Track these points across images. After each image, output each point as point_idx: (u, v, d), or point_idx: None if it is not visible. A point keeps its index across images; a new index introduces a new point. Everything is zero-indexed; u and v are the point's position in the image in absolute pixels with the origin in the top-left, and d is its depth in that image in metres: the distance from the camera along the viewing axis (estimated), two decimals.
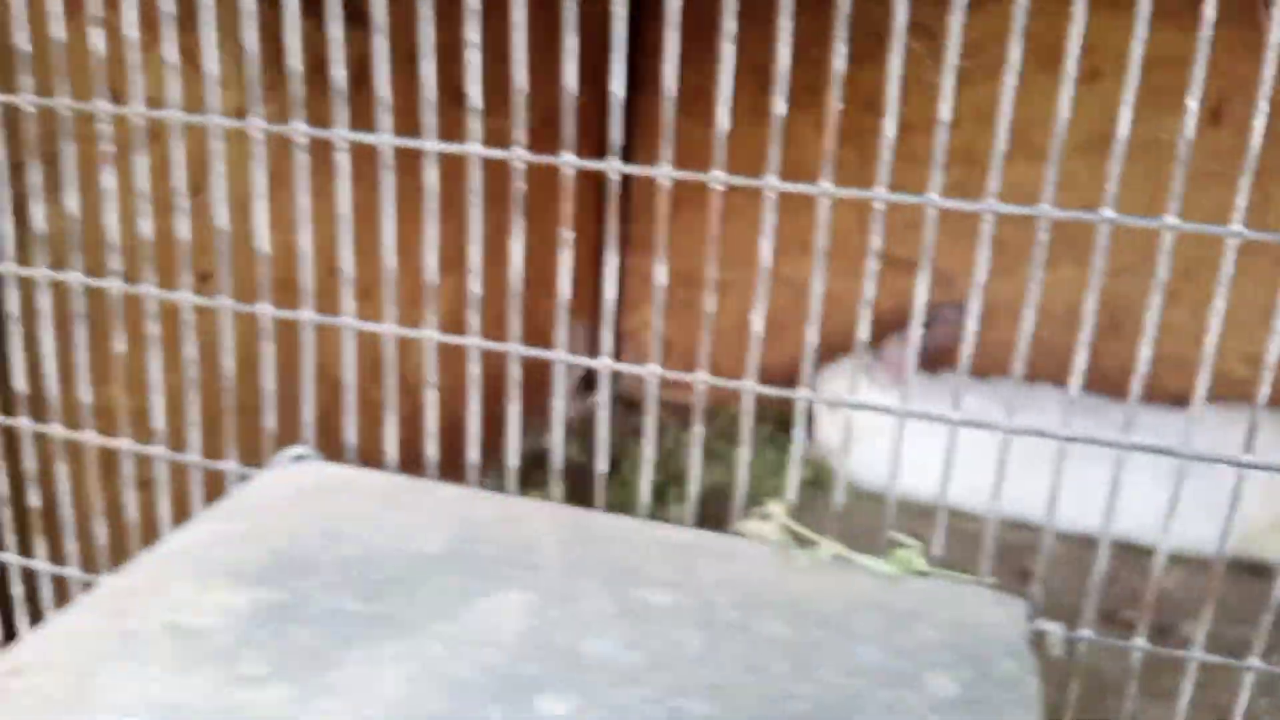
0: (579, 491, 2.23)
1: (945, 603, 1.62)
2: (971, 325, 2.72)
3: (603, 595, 1.50)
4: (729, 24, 2.28)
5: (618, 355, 3.23)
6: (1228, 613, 2.03)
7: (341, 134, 1.92)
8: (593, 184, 3.06)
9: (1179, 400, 2.60)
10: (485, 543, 1.66)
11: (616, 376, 3.19)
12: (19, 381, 2.20)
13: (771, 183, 2.21)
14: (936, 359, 2.70)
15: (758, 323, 2.97)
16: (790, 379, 3.15)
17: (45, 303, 2.26)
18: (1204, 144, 2.51)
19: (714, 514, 2.32)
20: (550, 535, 1.71)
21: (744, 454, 2.29)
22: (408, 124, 2.14)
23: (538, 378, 2.75)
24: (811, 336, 3.01)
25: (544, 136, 2.34)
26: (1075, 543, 2.32)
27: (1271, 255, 2.52)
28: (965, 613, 1.57)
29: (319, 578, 1.50)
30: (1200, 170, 2.51)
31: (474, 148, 1.95)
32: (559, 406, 2.14)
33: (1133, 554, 2.31)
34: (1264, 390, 2.57)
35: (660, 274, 2.90)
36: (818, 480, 2.54)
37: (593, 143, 2.98)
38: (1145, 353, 2.68)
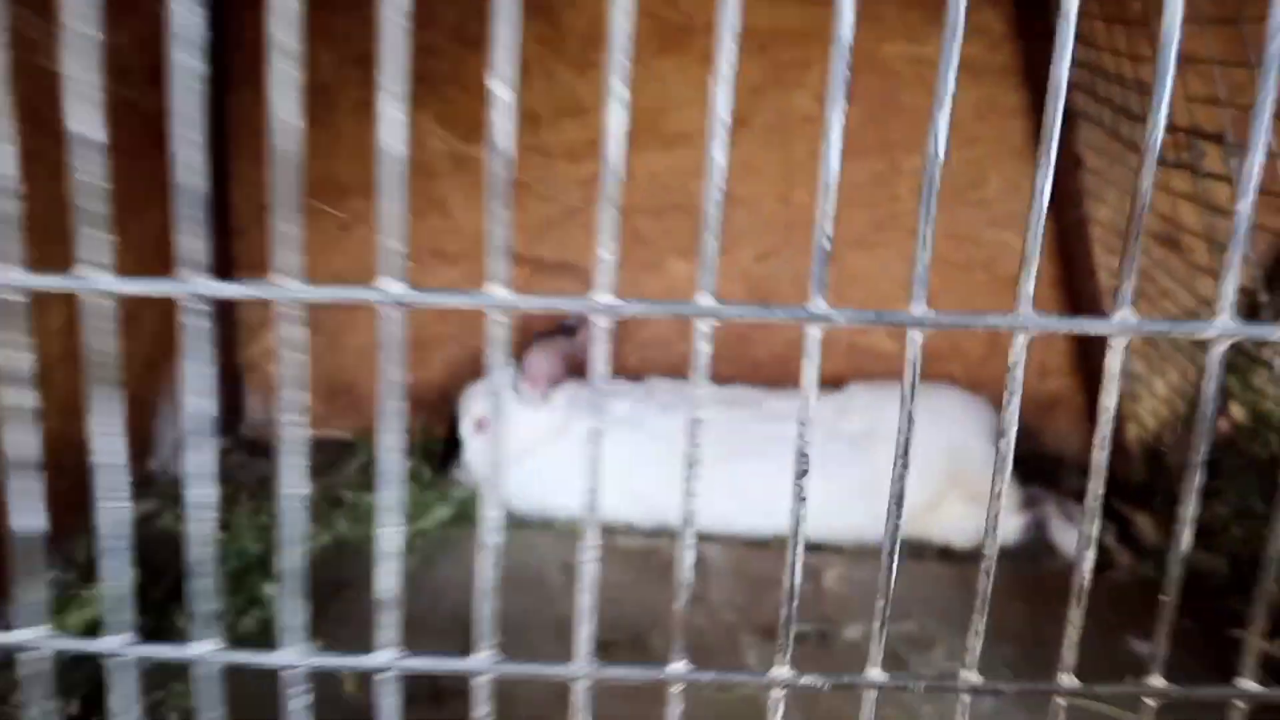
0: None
1: None
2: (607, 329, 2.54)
3: None
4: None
5: (238, 391, 2.78)
6: (890, 604, 1.96)
7: None
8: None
9: (833, 382, 2.59)
10: None
11: (234, 418, 2.74)
12: None
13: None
14: (585, 364, 2.51)
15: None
16: (441, 401, 2.86)
17: None
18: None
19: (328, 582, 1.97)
20: None
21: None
22: None
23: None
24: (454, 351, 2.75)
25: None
26: (742, 546, 2.22)
27: (905, 227, 2.55)
28: None
29: None
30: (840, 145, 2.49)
31: None
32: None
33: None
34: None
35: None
36: (465, 514, 2.27)
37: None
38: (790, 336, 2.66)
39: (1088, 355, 2.55)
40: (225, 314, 2.71)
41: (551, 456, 2.26)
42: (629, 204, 2.65)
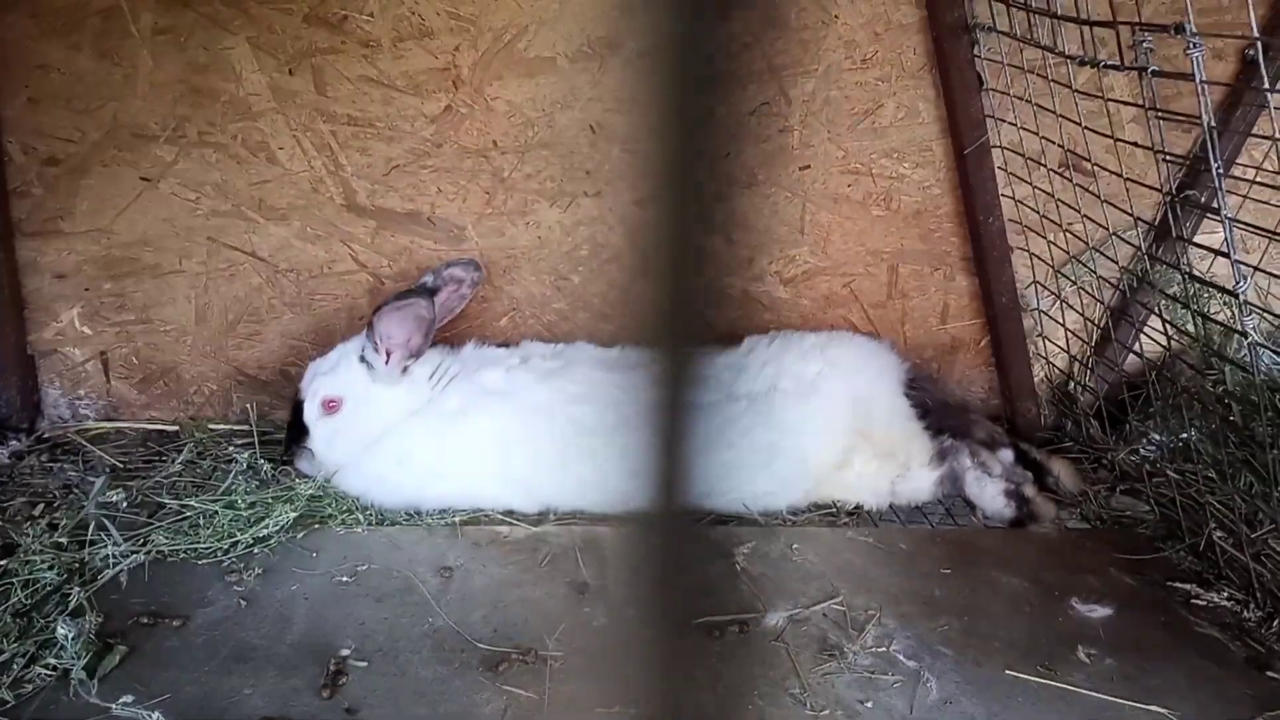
0: None
1: None
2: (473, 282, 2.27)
3: None
4: None
5: (30, 383, 2.37)
6: (812, 581, 1.77)
7: None
8: None
9: (727, 338, 2.39)
10: None
11: (30, 414, 2.34)
12: None
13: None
14: (447, 327, 2.22)
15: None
16: (281, 379, 2.52)
17: None
18: (710, 40, 2.24)
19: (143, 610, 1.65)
20: None
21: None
22: None
23: None
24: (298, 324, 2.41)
25: None
26: (638, 526, 2.00)
27: (798, 161, 2.35)
28: None
29: None
30: (721, 69, 2.25)
31: None
32: None
33: (702, 528, 2.03)
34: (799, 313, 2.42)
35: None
36: (313, 513, 1.96)
37: None
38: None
39: (991, 296, 2.41)
40: (8, 290, 2.29)
41: (414, 438, 1.98)
42: (487, 142, 2.36)
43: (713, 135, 0.54)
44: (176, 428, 2.37)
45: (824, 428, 2.10)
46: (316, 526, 1.93)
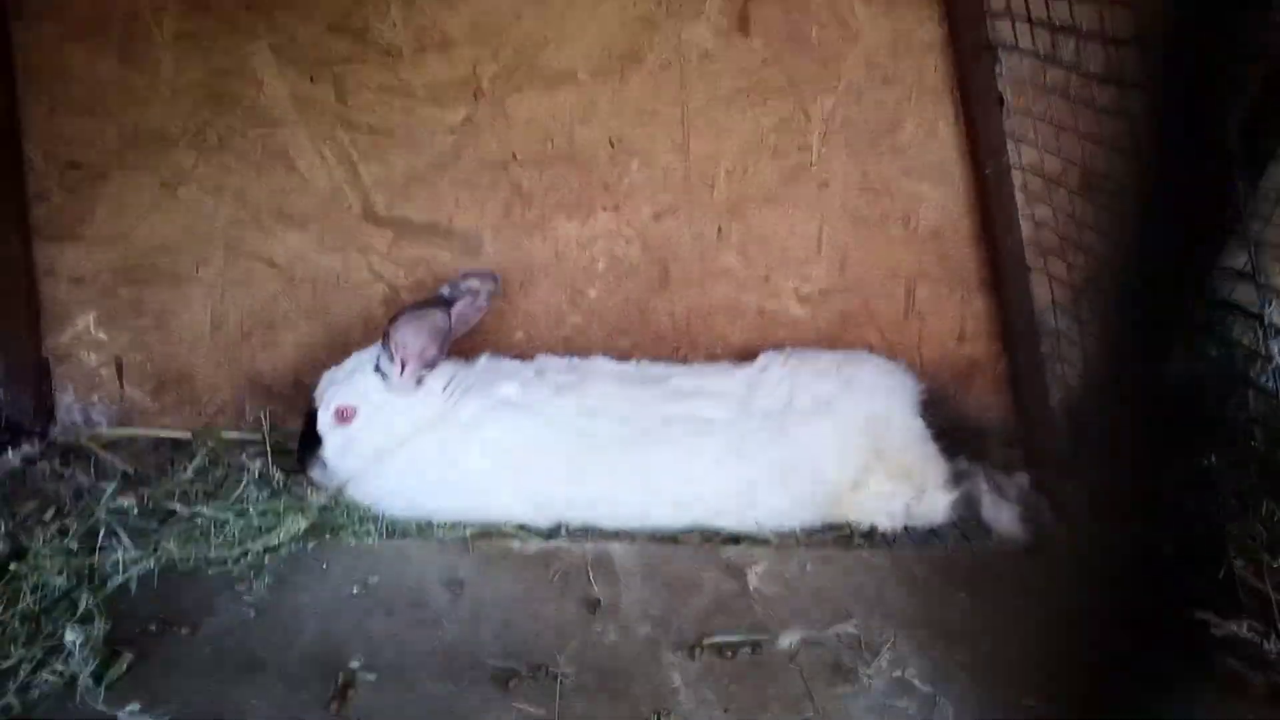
0: None
1: None
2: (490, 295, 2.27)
3: None
4: None
5: (45, 387, 2.38)
6: (826, 603, 1.76)
7: None
8: None
9: (743, 354, 2.38)
10: None
11: (43, 419, 2.35)
12: None
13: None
14: (462, 339, 2.22)
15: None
16: (294, 389, 2.52)
17: None
18: (732, 55, 2.25)
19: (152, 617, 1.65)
20: None
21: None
22: None
23: None
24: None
25: None
26: (651, 542, 1.99)
27: (817, 179, 2.35)
28: None
29: None
30: (731, 87, 2.26)
31: None
32: None
33: (715, 546, 2.02)
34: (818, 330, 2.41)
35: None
36: (325, 524, 1.96)
37: None
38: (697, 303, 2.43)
39: (1009, 318, 2.40)
40: (26, 295, 2.31)
41: (426, 449, 1.99)
42: (506, 154, 2.37)
43: None
44: (189, 435, 2.37)
45: (839, 447, 2.09)
46: (327, 537, 1.93)
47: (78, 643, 1.50)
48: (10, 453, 2.22)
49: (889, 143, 2.38)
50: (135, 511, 1.99)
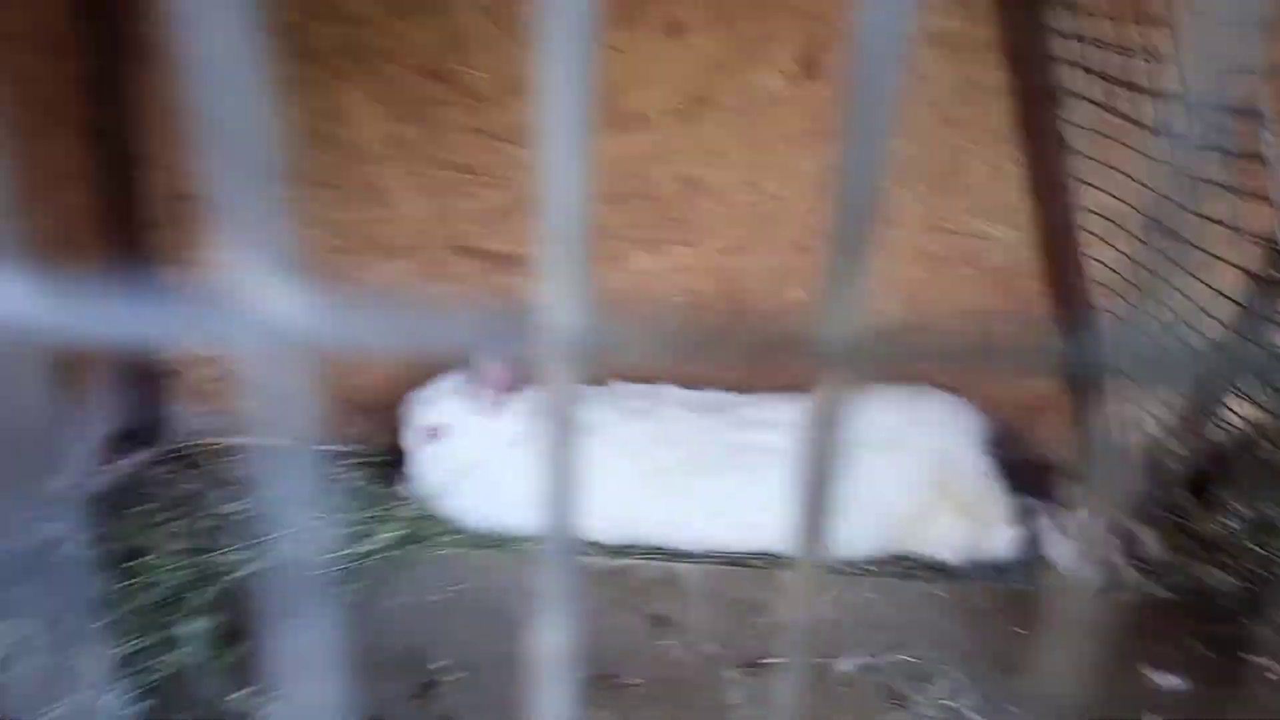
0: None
1: None
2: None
3: None
4: None
5: (159, 398, 2.59)
6: (884, 631, 1.85)
7: None
8: (95, 186, 2.42)
9: (805, 385, 2.48)
10: None
11: (158, 427, 2.56)
12: None
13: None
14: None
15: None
16: (383, 407, 2.70)
17: None
18: (800, 98, 2.39)
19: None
20: None
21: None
22: None
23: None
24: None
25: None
26: (715, 564, 2.10)
27: (884, 218, 2.45)
28: None
29: None
30: (798, 129, 2.39)
31: None
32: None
33: (778, 571, 2.12)
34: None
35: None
36: (415, 535, 2.12)
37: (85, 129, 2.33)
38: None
39: None
40: None
41: (507, 468, 2.13)
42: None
43: None
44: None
45: (905, 481, 2.18)
46: (415, 546, 2.09)
47: (194, 634, 1.68)
48: (128, 458, 2.43)
49: (955, 183, 2.48)
50: (243, 516, 2.15)
